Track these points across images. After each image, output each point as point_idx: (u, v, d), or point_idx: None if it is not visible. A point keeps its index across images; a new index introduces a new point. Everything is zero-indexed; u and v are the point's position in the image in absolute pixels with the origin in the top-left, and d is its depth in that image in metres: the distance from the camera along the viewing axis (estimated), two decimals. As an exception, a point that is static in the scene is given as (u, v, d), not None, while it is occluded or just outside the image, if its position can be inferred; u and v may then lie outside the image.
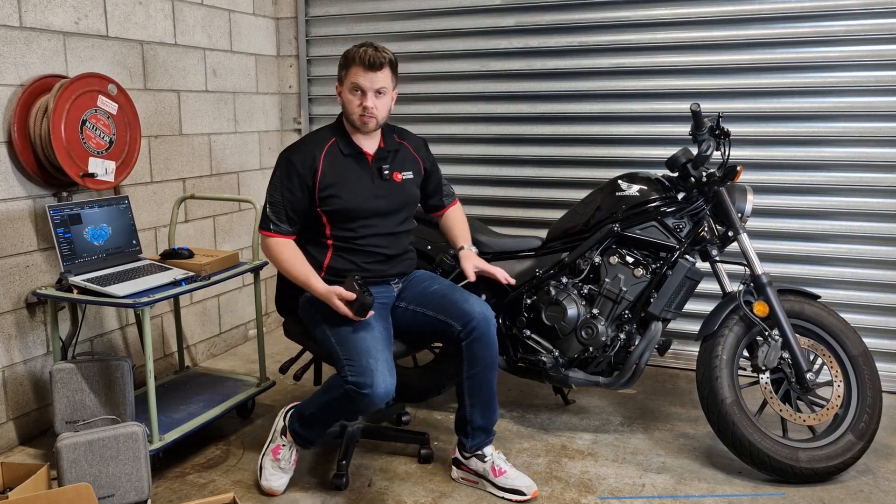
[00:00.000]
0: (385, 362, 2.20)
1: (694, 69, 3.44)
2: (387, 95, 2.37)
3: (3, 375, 2.72)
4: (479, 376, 2.41)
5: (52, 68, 2.82)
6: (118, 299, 2.43)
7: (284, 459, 2.45)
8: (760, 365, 2.55)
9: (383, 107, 2.37)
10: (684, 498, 2.42)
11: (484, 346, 2.38)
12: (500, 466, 2.44)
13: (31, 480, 2.19)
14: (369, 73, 2.31)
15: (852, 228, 3.31)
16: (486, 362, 2.41)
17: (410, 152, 2.57)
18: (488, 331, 2.38)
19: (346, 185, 2.39)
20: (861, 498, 2.41)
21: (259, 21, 4.01)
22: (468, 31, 3.78)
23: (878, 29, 3.14)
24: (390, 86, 2.38)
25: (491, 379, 2.44)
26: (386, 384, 2.16)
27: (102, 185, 2.84)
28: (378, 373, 2.15)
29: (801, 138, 3.33)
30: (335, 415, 2.38)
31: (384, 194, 2.44)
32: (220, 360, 3.78)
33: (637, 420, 3.03)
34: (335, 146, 2.42)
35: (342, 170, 2.40)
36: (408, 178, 2.51)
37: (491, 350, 2.41)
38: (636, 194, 2.76)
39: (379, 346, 2.24)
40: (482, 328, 2.37)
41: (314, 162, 2.37)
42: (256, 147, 4.04)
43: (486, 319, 2.38)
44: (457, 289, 2.48)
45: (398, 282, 2.54)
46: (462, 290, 2.48)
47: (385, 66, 2.33)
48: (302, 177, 2.36)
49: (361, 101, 2.33)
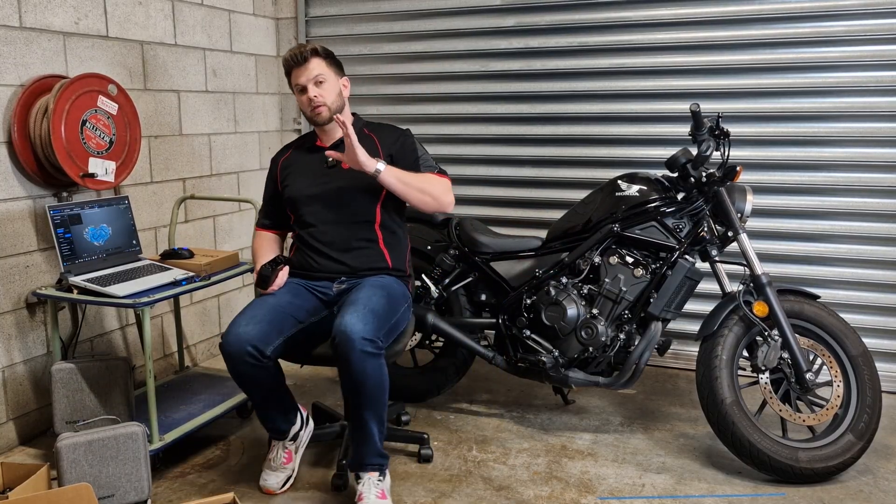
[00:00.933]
0: (250, 317, 2.23)
1: (694, 69, 3.44)
2: (328, 82, 2.44)
3: (3, 375, 2.72)
4: (348, 400, 2.22)
5: (52, 68, 2.82)
6: (118, 299, 2.43)
7: (273, 459, 2.48)
8: (760, 365, 2.55)
9: (328, 93, 2.44)
10: (684, 498, 2.42)
11: (343, 368, 2.14)
12: (363, 493, 2.24)
13: (31, 480, 2.19)
14: (299, 69, 2.43)
15: (852, 228, 3.31)
16: (349, 387, 2.16)
17: (375, 144, 2.51)
18: (344, 351, 2.10)
19: (295, 175, 2.54)
20: (861, 498, 2.41)
21: (259, 21, 4.02)
22: (468, 31, 3.79)
23: (878, 29, 3.14)
24: (328, 72, 2.45)
25: (359, 408, 2.18)
26: (238, 332, 2.18)
27: (102, 185, 2.84)
28: (235, 324, 2.21)
29: (801, 138, 3.33)
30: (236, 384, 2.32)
31: (326, 181, 2.47)
32: (220, 360, 3.78)
33: (637, 420, 3.03)
34: (301, 144, 2.62)
35: (299, 162, 2.56)
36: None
37: (349, 371, 2.12)
38: (636, 194, 2.76)
39: (256, 305, 2.29)
40: (339, 347, 2.11)
41: (279, 158, 2.61)
42: (256, 147, 4.04)
43: (343, 337, 2.09)
44: (358, 303, 2.20)
45: (343, 280, 2.45)
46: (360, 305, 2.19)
47: (309, 56, 2.43)
48: (272, 174, 2.62)
49: (306, 96, 2.44)
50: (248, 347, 2.18)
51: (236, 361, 2.21)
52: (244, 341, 2.18)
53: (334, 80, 2.46)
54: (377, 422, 2.24)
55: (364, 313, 2.16)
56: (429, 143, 3.93)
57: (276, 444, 2.50)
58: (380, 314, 2.21)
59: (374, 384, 2.15)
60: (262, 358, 2.22)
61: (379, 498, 2.25)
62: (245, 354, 2.19)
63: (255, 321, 2.23)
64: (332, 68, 2.47)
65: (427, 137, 3.93)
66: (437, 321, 2.91)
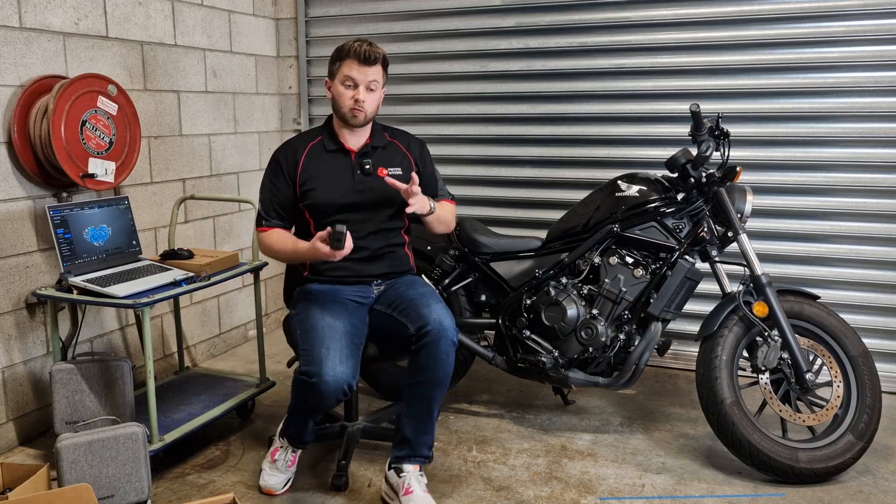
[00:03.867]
0: (339, 352, 2.16)
1: (694, 70, 3.44)
2: (377, 91, 2.41)
3: (3, 376, 2.72)
4: (419, 388, 2.30)
5: (52, 69, 2.82)
6: (118, 300, 2.43)
7: (280, 460, 2.46)
8: (760, 365, 2.55)
9: (373, 102, 2.41)
10: (684, 498, 2.42)
11: (431, 356, 2.25)
12: (410, 486, 2.28)
13: (31, 481, 2.19)
14: (363, 67, 2.35)
15: (852, 229, 3.31)
16: (430, 376, 2.27)
17: (401, 149, 2.55)
18: (439, 342, 2.23)
19: (323, 179, 2.43)
20: (861, 498, 2.41)
21: (259, 22, 4.02)
22: (468, 31, 3.78)
23: (878, 29, 3.14)
24: (381, 82, 2.42)
25: (431, 396, 2.30)
26: (336, 374, 2.12)
27: (102, 185, 2.84)
28: (328, 361, 2.12)
29: (801, 139, 3.33)
30: (299, 410, 2.33)
31: (364, 189, 2.43)
32: (220, 360, 3.78)
33: (637, 420, 3.03)
34: (320, 143, 2.48)
35: (322, 165, 2.44)
36: (395, 174, 2.46)
37: (437, 365, 2.25)
38: (636, 195, 2.76)
39: (335, 336, 2.21)
40: (433, 336, 2.23)
41: (296, 157, 2.45)
42: (256, 147, 4.04)
43: (440, 328, 2.24)
44: (430, 297, 2.35)
45: (380, 283, 2.49)
46: (435, 298, 2.35)
47: (378, 61, 2.38)
48: (286, 173, 2.44)
49: (354, 94, 2.37)
50: (345, 387, 2.15)
51: (326, 400, 2.16)
52: (342, 382, 2.13)
53: (381, 91, 2.44)
54: (437, 412, 2.35)
55: (444, 307, 2.31)
56: (428, 144, 3.92)
57: (286, 447, 2.48)
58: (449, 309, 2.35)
59: (449, 377, 2.31)
60: (350, 393, 2.20)
61: (425, 493, 2.29)
62: (339, 394, 2.15)
63: (344, 357, 2.17)
64: (385, 79, 2.44)
65: (427, 138, 3.93)
66: (437, 321, 2.90)
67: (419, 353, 2.26)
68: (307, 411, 2.32)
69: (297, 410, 2.35)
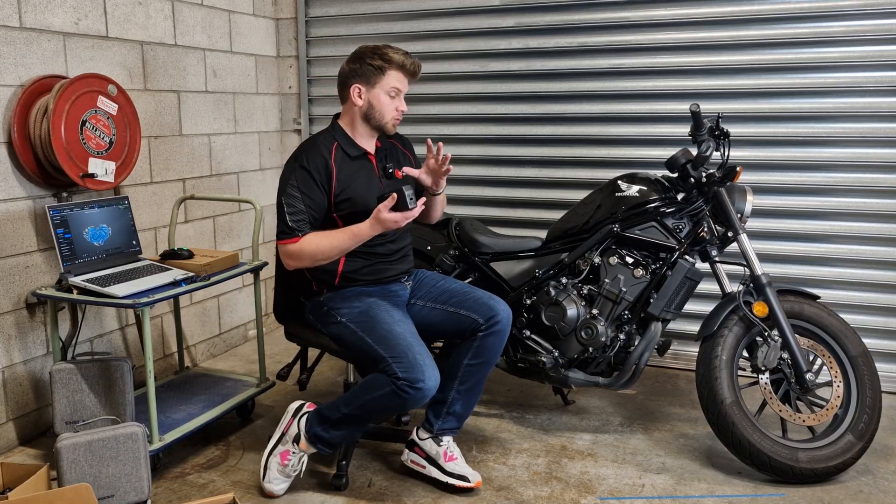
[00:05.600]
0: (429, 356, 2.26)
1: (694, 70, 3.44)
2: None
3: (3, 376, 2.72)
4: (479, 367, 2.47)
5: (52, 69, 2.82)
6: (118, 300, 2.43)
7: (291, 467, 2.40)
8: (760, 365, 2.55)
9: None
10: (684, 498, 2.42)
11: (499, 341, 2.46)
12: (453, 453, 2.49)
13: (31, 481, 2.19)
14: (407, 79, 2.45)
15: (852, 229, 3.31)
16: (491, 356, 2.47)
17: (399, 147, 2.63)
18: (507, 328, 2.47)
19: (359, 187, 2.40)
20: (861, 498, 2.41)
21: (259, 21, 4.02)
22: (468, 31, 3.79)
23: (878, 29, 3.14)
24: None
25: (486, 373, 2.51)
26: (436, 377, 2.23)
27: (102, 185, 2.84)
28: (428, 367, 2.21)
29: (801, 139, 3.33)
30: (378, 414, 2.32)
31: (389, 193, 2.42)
32: (220, 360, 3.78)
33: (637, 420, 3.03)
34: (340, 149, 2.43)
35: (353, 172, 2.41)
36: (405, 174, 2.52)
37: (500, 347, 2.48)
38: (636, 195, 2.76)
39: (419, 341, 2.29)
40: (504, 325, 2.45)
41: (328, 166, 2.38)
42: (256, 147, 4.04)
43: (509, 317, 2.47)
44: (475, 287, 2.56)
45: (408, 279, 2.60)
46: (479, 290, 2.55)
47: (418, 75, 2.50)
48: (320, 184, 2.36)
49: (398, 104, 2.44)
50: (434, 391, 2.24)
51: (422, 402, 2.23)
52: (432, 387, 2.21)
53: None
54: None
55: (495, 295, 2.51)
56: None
57: (297, 452, 2.40)
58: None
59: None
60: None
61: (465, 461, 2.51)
62: (433, 394, 2.23)
63: (431, 359, 2.25)
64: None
65: (426, 138, 3.93)
66: (437, 321, 2.91)
67: (487, 339, 2.44)
68: (381, 417, 2.39)
69: (373, 415, 2.32)
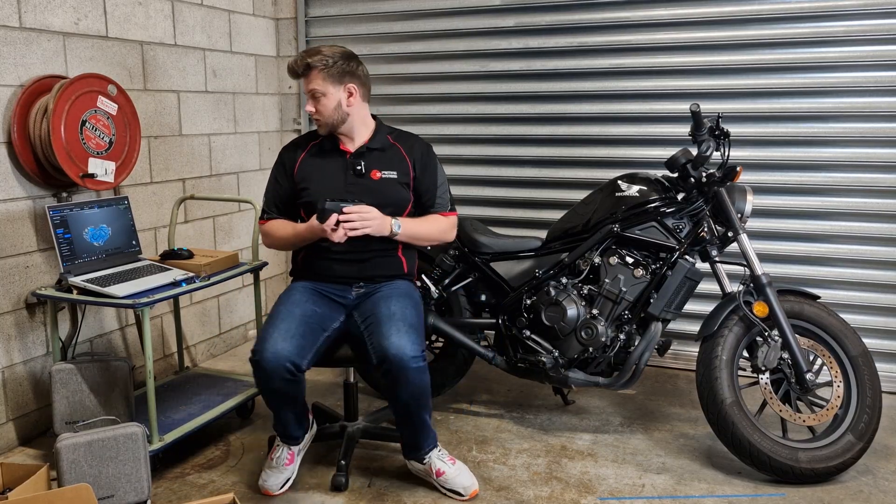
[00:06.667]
0: (284, 331, 2.23)
1: (694, 70, 3.44)
2: (326, 97, 2.39)
3: (3, 376, 2.72)
4: (400, 406, 2.31)
5: (52, 69, 2.82)
6: (118, 300, 2.43)
7: (275, 459, 2.47)
8: (760, 365, 2.55)
9: (325, 108, 2.41)
10: (684, 498, 2.42)
11: (396, 384, 2.24)
12: (439, 468, 2.41)
13: (31, 481, 2.19)
14: (302, 81, 2.42)
15: (852, 229, 3.31)
16: (404, 398, 2.27)
17: (401, 153, 2.52)
18: (400, 373, 2.20)
19: (317, 178, 2.47)
20: (861, 498, 2.41)
21: (259, 21, 4.01)
22: (468, 31, 3.78)
23: (878, 29, 3.14)
24: (325, 86, 2.38)
25: (413, 411, 2.31)
26: (276, 350, 2.18)
27: (102, 185, 2.84)
28: (269, 339, 2.20)
29: (801, 139, 3.33)
30: (264, 398, 2.35)
31: (356, 191, 2.42)
32: (220, 360, 3.78)
33: (637, 420, 3.03)
34: (320, 144, 2.52)
35: (318, 164, 2.49)
36: (389, 177, 2.46)
37: (407, 388, 2.24)
38: (636, 195, 2.76)
39: (287, 318, 2.28)
40: (394, 369, 2.20)
41: (296, 156, 2.52)
42: (256, 147, 4.04)
43: (400, 360, 2.18)
44: (395, 319, 2.29)
45: (362, 285, 2.48)
46: (398, 321, 2.28)
47: (304, 71, 2.39)
48: (286, 169, 2.52)
49: (307, 106, 2.45)
50: (287, 364, 2.19)
51: (272, 378, 2.21)
52: (283, 358, 2.19)
53: (334, 92, 2.39)
54: (428, 413, 2.37)
55: (406, 331, 2.25)
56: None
57: (281, 445, 2.49)
58: (416, 326, 2.32)
59: (426, 389, 2.29)
60: (298, 373, 2.24)
61: (452, 464, 2.43)
62: (283, 371, 2.20)
63: (289, 336, 2.23)
64: (331, 80, 2.38)
65: (427, 138, 3.92)
66: (436, 322, 2.91)
67: (386, 381, 2.26)
68: (268, 397, 2.33)
69: (265, 400, 2.37)
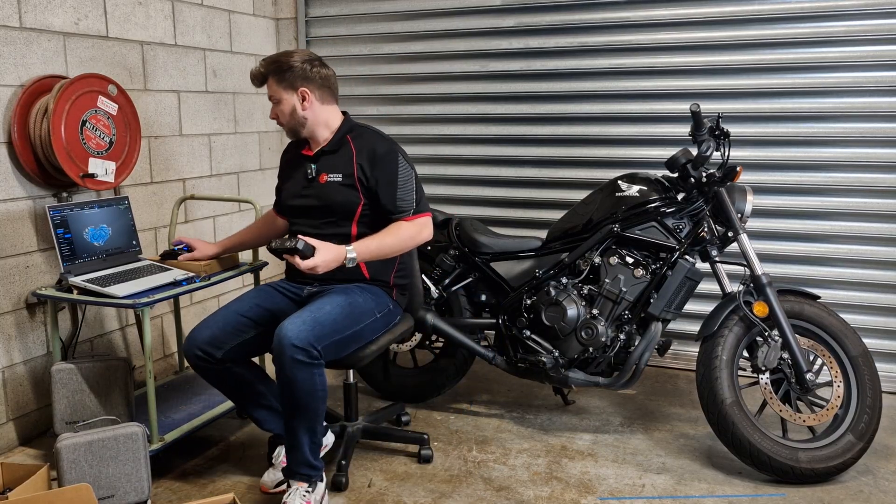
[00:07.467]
0: (206, 323, 2.35)
1: (694, 70, 3.44)
2: (282, 103, 2.42)
3: (3, 376, 2.72)
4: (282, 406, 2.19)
5: (52, 69, 2.82)
6: (118, 300, 2.43)
7: (274, 457, 2.50)
8: (760, 365, 2.55)
9: (282, 113, 2.44)
10: (684, 498, 2.42)
11: (278, 376, 2.13)
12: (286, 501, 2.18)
13: (31, 481, 2.19)
14: (267, 86, 2.45)
15: (852, 229, 3.31)
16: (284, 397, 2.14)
17: (350, 152, 2.42)
18: (277, 360, 2.10)
19: (287, 181, 2.57)
20: (861, 498, 2.41)
21: (259, 21, 4.01)
22: (468, 31, 3.78)
23: (878, 29, 3.14)
24: (279, 92, 2.41)
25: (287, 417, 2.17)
26: (192, 336, 2.33)
27: (102, 185, 2.84)
28: (201, 329, 2.34)
29: (801, 139, 3.33)
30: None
31: (308, 193, 2.46)
32: (220, 360, 3.78)
33: (637, 420, 3.03)
34: (296, 146, 2.58)
35: (289, 168, 2.58)
36: (334, 179, 2.41)
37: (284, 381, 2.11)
38: (636, 195, 2.76)
39: (218, 311, 2.40)
40: (274, 355, 2.12)
41: (283, 158, 2.64)
42: (256, 147, 4.04)
43: (277, 343, 2.10)
44: (308, 310, 2.21)
45: (316, 285, 2.44)
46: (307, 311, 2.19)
47: (261, 79, 2.45)
48: (279, 170, 2.66)
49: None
50: (197, 351, 2.33)
51: (190, 362, 2.37)
52: (193, 345, 2.33)
53: (287, 97, 2.39)
54: (307, 432, 2.19)
55: (305, 319, 2.14)
56: (428, 144, 3.93)
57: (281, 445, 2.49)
58: (324, 324, 2.17)
59: (302, 393, 2.12)
60: (213, 360, 2.34)
61: None
62: (195, 358, 2.34)
63: (208, 326, 2.35)
64: (284, 86, 2.38)
65: (427, 137, 3.94)
66: (436, 322, 2.91)
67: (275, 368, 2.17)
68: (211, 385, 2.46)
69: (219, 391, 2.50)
